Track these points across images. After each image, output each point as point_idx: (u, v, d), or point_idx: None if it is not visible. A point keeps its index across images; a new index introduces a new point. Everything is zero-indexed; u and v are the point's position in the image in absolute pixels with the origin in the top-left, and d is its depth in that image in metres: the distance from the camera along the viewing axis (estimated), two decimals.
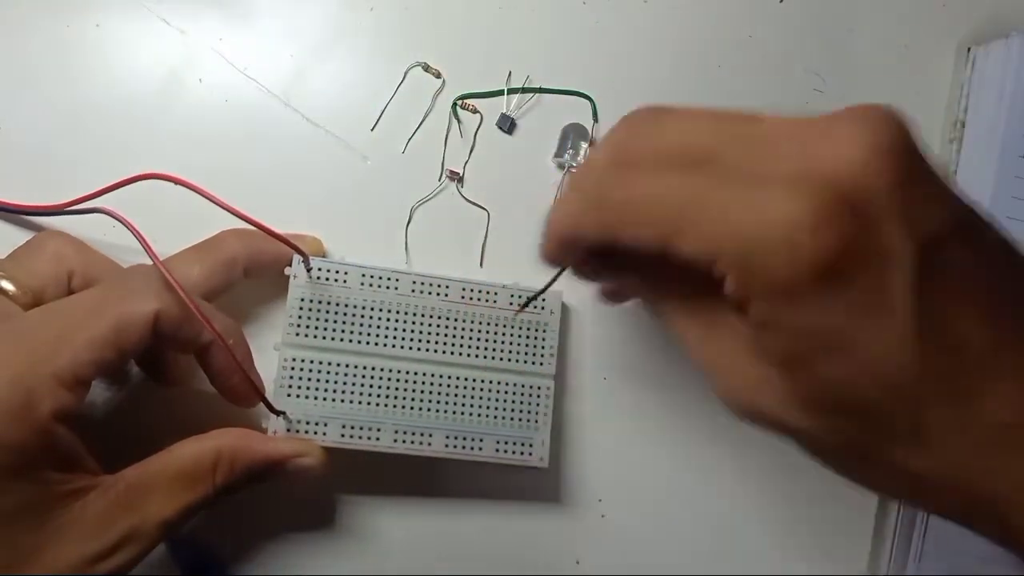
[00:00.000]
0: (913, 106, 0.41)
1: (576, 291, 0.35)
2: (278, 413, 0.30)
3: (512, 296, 0.34)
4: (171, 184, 0.34)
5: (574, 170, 0.37)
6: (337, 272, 0.32)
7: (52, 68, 0.35)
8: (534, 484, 0.35)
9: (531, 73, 0.38)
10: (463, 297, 0.33)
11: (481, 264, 0.36)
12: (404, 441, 0.31)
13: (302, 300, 0.32)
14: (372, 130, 0.36)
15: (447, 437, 0.32)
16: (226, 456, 0.27)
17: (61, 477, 0.25)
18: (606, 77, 0.39)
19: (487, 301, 0.34)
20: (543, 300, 0.34)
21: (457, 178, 0.37)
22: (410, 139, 0.36)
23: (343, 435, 0.31)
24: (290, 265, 0.32)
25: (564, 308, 0.35)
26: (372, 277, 0.33)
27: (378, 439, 0.31)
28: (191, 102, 0.35)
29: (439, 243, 0.36)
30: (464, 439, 0.32)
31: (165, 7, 0.36)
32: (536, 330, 0.34)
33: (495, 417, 0.33)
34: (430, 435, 0.32)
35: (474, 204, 0.36)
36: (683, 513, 0.35)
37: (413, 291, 0.33)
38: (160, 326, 0.27)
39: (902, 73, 0.41)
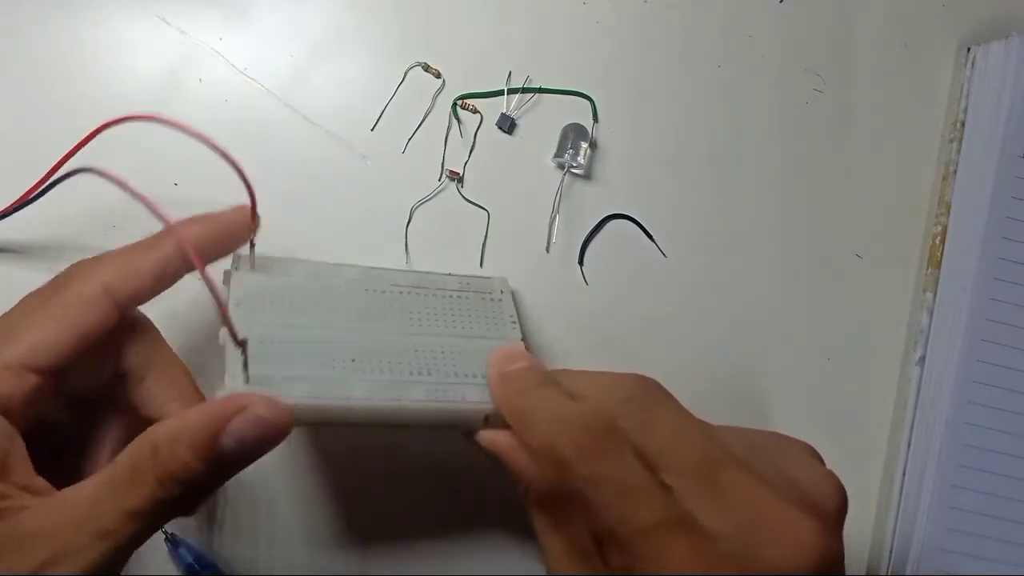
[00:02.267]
0: (913, 106, 0.41)
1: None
2: (240, 343, 0.26)
3: (460, 282, 0.33)
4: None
5: (575, 170, 0.37)
6: (279, 267, 0.30)
7: (52, 67, 0.35)
8: None
9: (531, 73, 0.38)
10: (412, 283, 0.32)
11: (481, 264, 0.36)
12: (380, 395, 0.28)
13: (247, 288, 0.29)
14: (372, 130, 0.36)
15: (427, 390, 0.28)
16: (164, 444, 0.24)
17: None
18: (606, 77, 0.39)
19: (437, 285, 0.32)
20: (491, 285, 0.33)
21: (457, 178, 0.37)
22: (410, 139, 0.36)
23: (312, 392, 0.27)
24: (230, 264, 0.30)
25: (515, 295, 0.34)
26: (318, 271, 0.31)
27: (351, 394, 0.27)
28: (191, 102, 0.35)
29: (439, 243, 0.36)
30: (446, 390, 0.29)
31: (165, 7, 0.36)
32: (492, 307, 0.33)
33: (473, 374, 0.30)
34: (408, 389, 0.28)
35: (474, 204, 0.36)
36: None
37: (361, 278, 0.31)
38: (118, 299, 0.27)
39: (902, 73, 0.41)
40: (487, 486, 0.34)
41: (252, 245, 0.30)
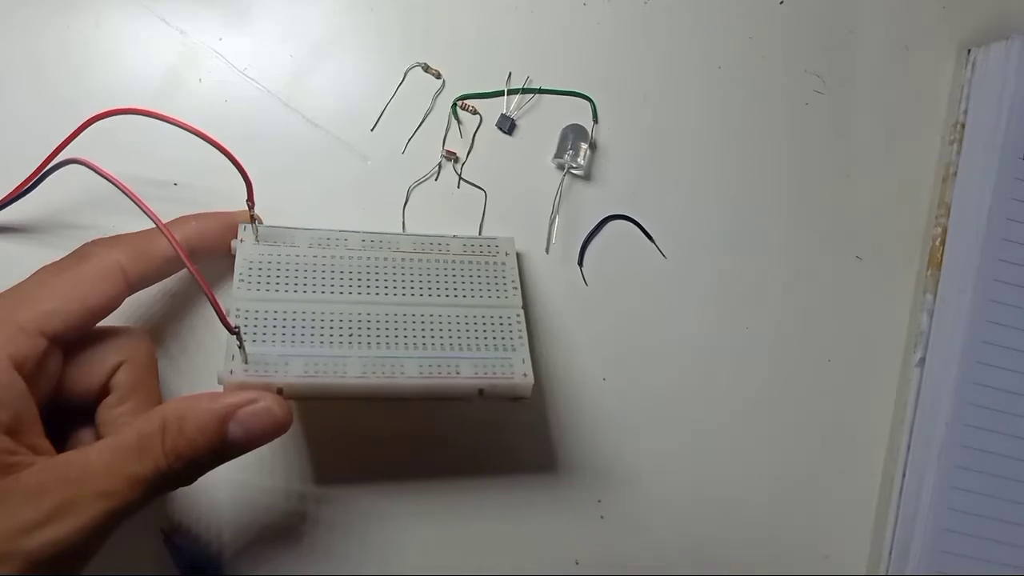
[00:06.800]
0: (913, 107, 0.41)
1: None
2: (233, 330, 0.27)
3: (464, 244, 0.33)
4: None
5: (574, 170, 0.37)
6: (284, 237, 0.32)
7: (53, 67, 0.35)
8: (534, 484, 0.35)
9: (531, 74, 0.38)
10: (415, 248, 0.33)
11: None
12: (374, 373, 0.29)
13: (251, 263, 0.31)
14: (372, 130, 0.36)
15: (420, 365, 0.29)
16: (172, 421, 0.26)
17: (4, 442, 0.25)
18: (606, 78, 0.39)
19: (440, 249, 0.33)
20: (496, 245, 0.34)
21: (454, 158, 0.37)
22: (410, 139, 0.36)
23: (307, 371, 0.28)
24: (235, 237, 0.31)
25: (520, 256, 0.35)
26: (320, 238, 0.32)
27: (345, 371, 0.28)
28: (191, 102, 0.35)
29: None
30: (439, 365, 0.30)
31: (165, 7, 0.36)
32: (494, 270, 0.33)
33: (468, 346, 0.31)
34: (402, 365, 0.29)
35: (473, 185, 0.36)
36: (682, 514, 0.36)
37: (363, 247, 0.32)
38: (129, 278, 0.29)
39: (902, 73, 0.41)
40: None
41: (253, 220, 0.31)
